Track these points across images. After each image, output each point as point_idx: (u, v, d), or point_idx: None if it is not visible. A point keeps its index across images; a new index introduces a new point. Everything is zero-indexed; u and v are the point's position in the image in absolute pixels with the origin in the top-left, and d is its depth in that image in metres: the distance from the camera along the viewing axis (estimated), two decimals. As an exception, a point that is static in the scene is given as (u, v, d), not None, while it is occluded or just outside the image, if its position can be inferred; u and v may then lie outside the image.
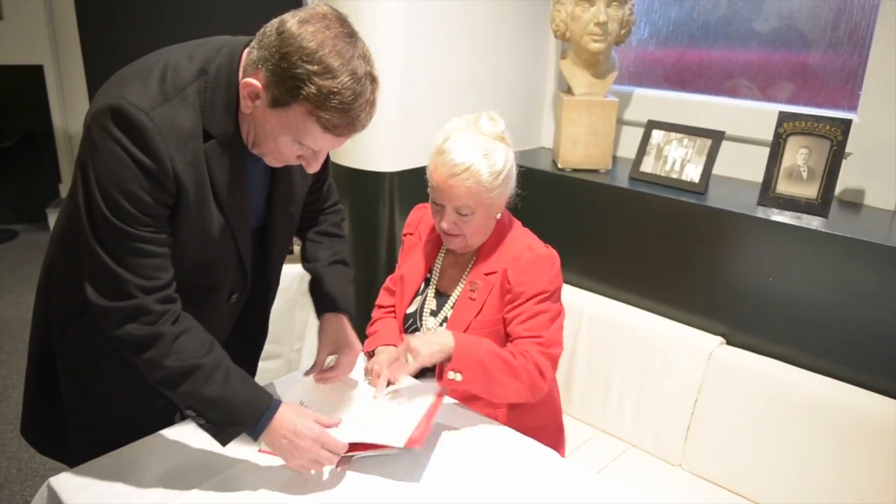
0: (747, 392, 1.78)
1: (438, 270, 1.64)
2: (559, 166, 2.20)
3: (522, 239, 1.56)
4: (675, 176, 2.02)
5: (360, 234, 2.31)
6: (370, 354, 1.63)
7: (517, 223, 1.63)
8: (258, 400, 1.25)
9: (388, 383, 1.49)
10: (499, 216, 1.53)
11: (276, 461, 1.34)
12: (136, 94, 1.12)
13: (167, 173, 1.13)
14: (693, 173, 1.98)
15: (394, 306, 1.74)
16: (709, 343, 1.87)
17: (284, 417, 1.25)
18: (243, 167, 1.24)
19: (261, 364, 2.50)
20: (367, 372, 1.55)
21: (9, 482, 2.46)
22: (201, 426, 1.25)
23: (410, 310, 1.65)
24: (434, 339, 1.43)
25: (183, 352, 1.19)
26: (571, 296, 2.13)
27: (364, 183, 2.18)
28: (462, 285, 1.58)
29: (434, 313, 1.62)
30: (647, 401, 1.96)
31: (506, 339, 1.56)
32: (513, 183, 1.51)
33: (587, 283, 2.17)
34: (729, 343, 1.88)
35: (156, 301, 1.18)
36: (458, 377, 1.41)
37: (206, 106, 1.17)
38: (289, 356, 2.60)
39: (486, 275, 1.54)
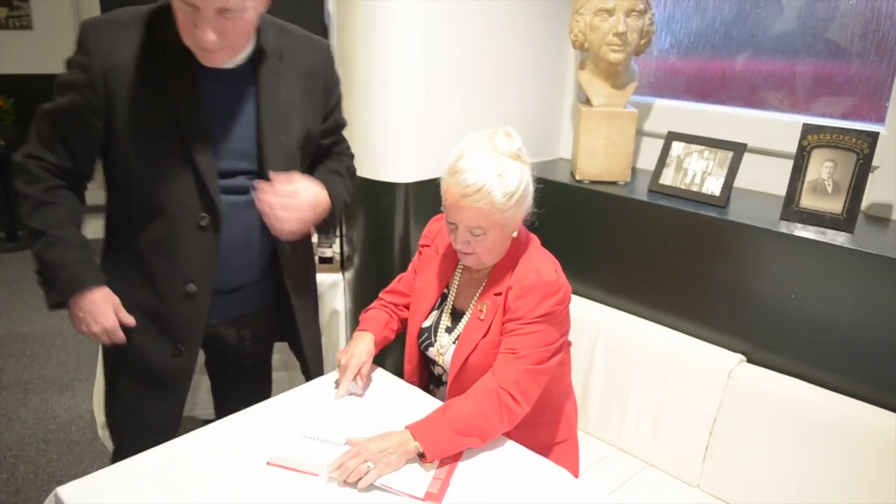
0: (768, 412, 1.73)
1: (456, 287, 1.62)
2: (577, 178, 2.17)
3: (534, 261, 1.51)
4: (695, 189, 1.98)
5: (375, 245, 2.30)
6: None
7: (535, 242, 1.59)
8: (80, 282, 1.45)
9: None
10: (515, 235, 1.50)
11: (285, 474, 1.33)
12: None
13: (95, 71, 1.36)
14: (714, 186, 1.94)
15: (394, 303, 1.75)
16: (729, 361, 1.82)
17: (91, 300, 1.45)
18: (197, 82, 1.40)
19: (277, 374, 2.51)
20: (338, 363, 1.58)
21: (25, 486, 2.48)
22: (38, 283, 1.48)
23: (426, 324, 1.63)
24: (388, 448, 1.32)
25: (41, 216, 1.42)
26: (588, 310, 2.09)
27: (379, 194, 2.17)
28: (474, 304, 1.56)
29: (449, 330, 1.60)
30: (665, 419, 1.91)
31: None
32: (528, 202, 1.47)
33: (604, 297, 2.13)
34: (749, 361, 1.84)
35: (40, 168, 1.42)
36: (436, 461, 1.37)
37: (160, 24, 1.37)
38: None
39: (496, 295, 1.51)
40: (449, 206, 1.44)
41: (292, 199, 1.46)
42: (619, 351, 2.01)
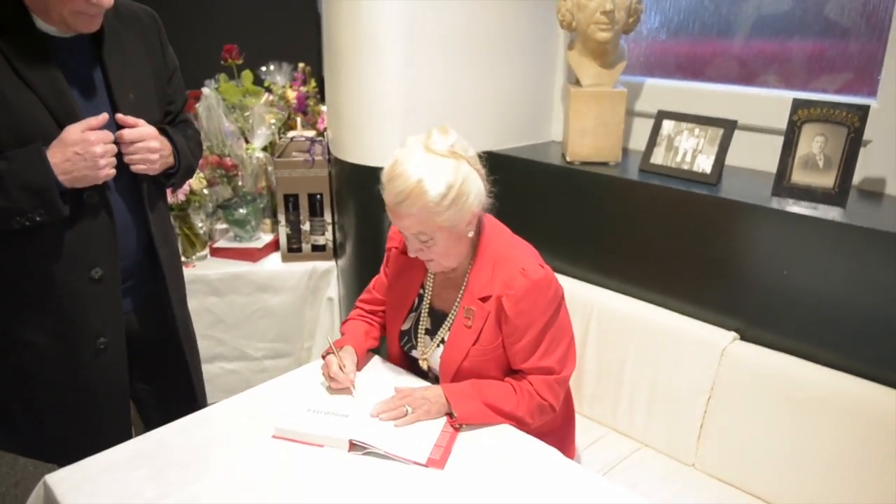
0: (763, 389, 1.72)
1: (431, 288, 1.59)
2: (568, 159, 2.16)
3: (516, 260, 1.45)
4: (686, 167, 1.96)
5: (366, 231, 2.29)
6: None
7: (503, 232, 1.54)
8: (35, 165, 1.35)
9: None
10: (471, 234, 1.44)
11: (288, 447, 1.35)
12: None
13: None
14: (705, 164, 1.93)
15: (372, 311, 1.73)
16: (722, 339, 1.81)
17: (53, 152, 1.35)
18: (48, 55, 1.36)
19: (270, 363, 2.55)
20: (322, 370, 1.56)
21: (25, 479, 2.47)
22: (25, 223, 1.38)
23: (405, 326, 1.62)
24: (430, 397, 1.45)
25: None
26: (581, 291, 2.08)
27: (366, 178, 2.15)
28: (456, 308, 1.53)
29: (430, 332, 1.58)
30: (659, 399, 1.90)
31: (507, 365, 1.53)
32: (471, 198, 1.37)
33: (597, 278, 2.12)
34: (743, 339, 1.82)
35: None
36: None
37: None
38: (299, 354, 2.60)
39: (481, 300, 1.47)
40: (390, 215, 1.42)
41: (137, 133, 1.45)
42: (612, 331, 2.00)
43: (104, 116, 1.39)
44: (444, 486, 1.28)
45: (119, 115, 1.44)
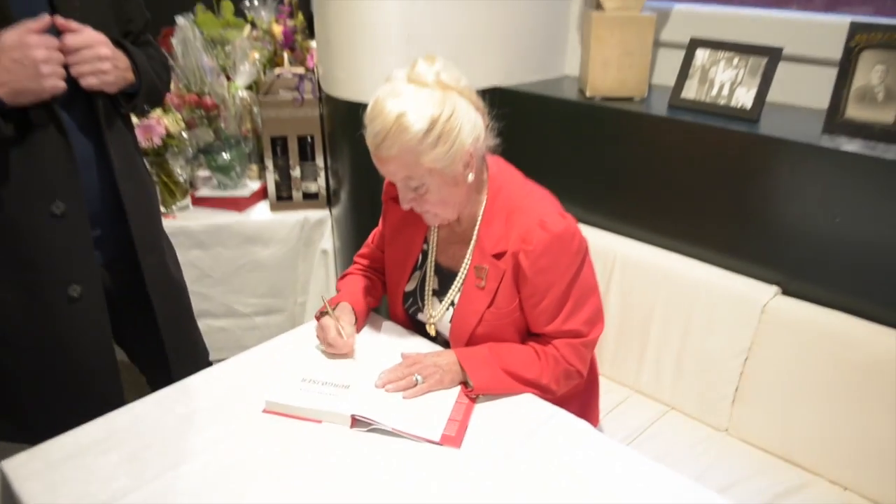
0: (806, 348, 1.55)
1: (435, 243, 1.41)
2: (587, 94, 1.94)
3: (533, 209, 1.28)
4: (722, 102, 1.75)
5: (363, 176, 2.09)
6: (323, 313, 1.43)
7: (514, 176, 1.35)
8: None
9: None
10: (471, 178, 1.25)
11: (283, 422, 1.19)
12: None
13: None
14: (745, 98, 1.71)
15: (373, 269, 1.57)
16: (763, 293, 1.63)
17: None
18: None
19: (261, 319, 2.38)
20: (318, 334, 1.39)
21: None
22: None
23: (409, 287, 1.45)
24: (443, 364, 1.29)
25: None
26: (601, 241, 1.89)
27: (362, 117, 1.93)
28: (466, 266, 1.35)
29: (438, 293, 1.40)
30: (690, 359, 1.74)
31: (526, 328, 1.36)
32: (463, 135, 1.18)
33: (620, 227, 1.93)
34: (785, 293, 1.65)
35: None
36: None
37: None
38: (292, 310, 2.44)
39: (494, 257, 1.30)
40: (374, 162, 1.23)
41: (83, 39, 1.25)
42: (637, 285, 1.82)
43: (46, 19, 1.19)
44: (461, 466, 1.12)
45: (58, 19, 1.23)
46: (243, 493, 1.05)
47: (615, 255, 1.85)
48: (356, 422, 1.19)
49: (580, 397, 1.50)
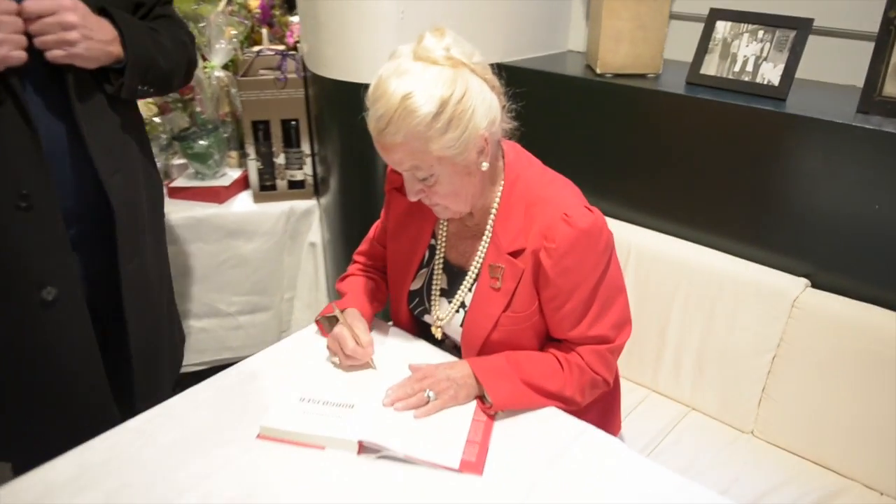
0: (839, 344, 1.45)
1: (444, 238, 1.28)
2: (598, 71, 1.79)
3: (555, 202, 1.14)
4: (746, 78, 1.61)
5: (349, 162, 1.94)
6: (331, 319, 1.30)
7: (536, 167, 1.22)
8: None
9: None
10: (485, 166, 1.12)
11: (278, 451, 1.06)
12: None
13: None
14: (771, 74, 1.58)
15: (375, 267, 1.44)
16: (792, 286, 1.52)
17: None
18: None
19: (245, 318, 2.23)
20: (331, 346, 1.25)
21: None
22: None
23: (415, 286, 1.31)
24: (457, 378, 1.16)
25: None
26: (615, 231, 1.74)
27: (352, 98, 1.76)
28: (478, 264, 1.22)
29: (446, 293, 1.27)
30: (712, 357, 1.63)
31: (546, 333, 1.25)
32: (477, 118, 1.05)
33: (636, 216, 1.80)
34: (816, 286, 1.53)
35: None
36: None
37: None
38: (279, 308, 2.28)
39: (511, 254, 1.17)
40: (378, 149, 1.10)
41: (45, 5, 1.11)
42: (653, 279, 1.70)
43: None
44: (484, 497, 0.99)
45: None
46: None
47: (629, 246, 1.73)
48: (364, 448, 1.06)
49: (602, 402, 1.38)
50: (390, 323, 1.40)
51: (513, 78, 1.19)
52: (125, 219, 1.29)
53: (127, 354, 1.39)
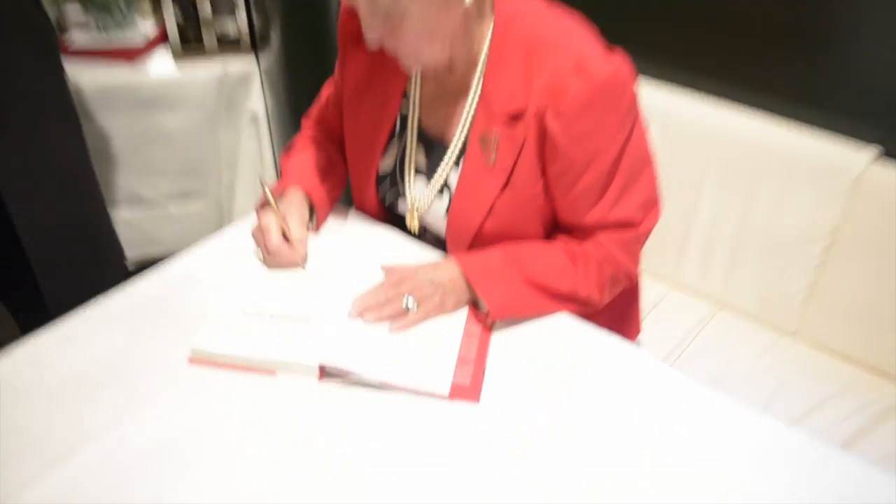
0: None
1: (418, 102, 1.05)
2: None
3: (565, 48, 0.93)
4: None
5: (295, 9, 1.64)
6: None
7: (536, 1, 0.98)
8: None
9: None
10: (468, 1, 0.89)
11: (215, 379, 0.85)
12: None
13: None
14: None
15: (330, 138, 1.18)
16: (856, 158, 1.27)
17: None
18: None
19: (177, 208, 1.97)
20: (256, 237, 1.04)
21: None
22: None
23: (383, 167, 1.09)
24: (443, 281, 0.96)
25: None
26: (640, 91, 1.49)
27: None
28: (464, 133, 1.00)
29: (424, 173, 1.06)
30: (749, 244, 1.42)
31: (554, 219, 1.05)
32: None
33: (664, 72, 1.51)
34: (889, 155, 1.28)
35: None
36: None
37: None
38: (217, 194, 2.01)
39: (511, 118, 0.95)
40: None
41: None
42: (679, 149, 1.44)
43: None
44: (480, 429, 0.79)
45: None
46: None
47: (653, 109, 1.44)
48: (326, 373, 0.86)
49: (619, 301, 1.17)
50: (353, 208, 1.14)
51: None
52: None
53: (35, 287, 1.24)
